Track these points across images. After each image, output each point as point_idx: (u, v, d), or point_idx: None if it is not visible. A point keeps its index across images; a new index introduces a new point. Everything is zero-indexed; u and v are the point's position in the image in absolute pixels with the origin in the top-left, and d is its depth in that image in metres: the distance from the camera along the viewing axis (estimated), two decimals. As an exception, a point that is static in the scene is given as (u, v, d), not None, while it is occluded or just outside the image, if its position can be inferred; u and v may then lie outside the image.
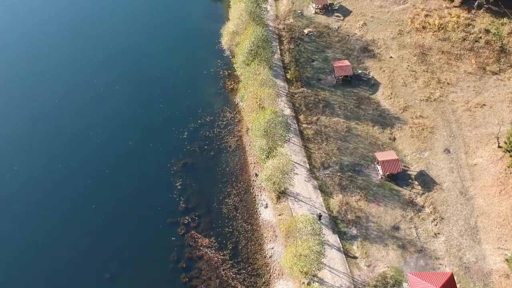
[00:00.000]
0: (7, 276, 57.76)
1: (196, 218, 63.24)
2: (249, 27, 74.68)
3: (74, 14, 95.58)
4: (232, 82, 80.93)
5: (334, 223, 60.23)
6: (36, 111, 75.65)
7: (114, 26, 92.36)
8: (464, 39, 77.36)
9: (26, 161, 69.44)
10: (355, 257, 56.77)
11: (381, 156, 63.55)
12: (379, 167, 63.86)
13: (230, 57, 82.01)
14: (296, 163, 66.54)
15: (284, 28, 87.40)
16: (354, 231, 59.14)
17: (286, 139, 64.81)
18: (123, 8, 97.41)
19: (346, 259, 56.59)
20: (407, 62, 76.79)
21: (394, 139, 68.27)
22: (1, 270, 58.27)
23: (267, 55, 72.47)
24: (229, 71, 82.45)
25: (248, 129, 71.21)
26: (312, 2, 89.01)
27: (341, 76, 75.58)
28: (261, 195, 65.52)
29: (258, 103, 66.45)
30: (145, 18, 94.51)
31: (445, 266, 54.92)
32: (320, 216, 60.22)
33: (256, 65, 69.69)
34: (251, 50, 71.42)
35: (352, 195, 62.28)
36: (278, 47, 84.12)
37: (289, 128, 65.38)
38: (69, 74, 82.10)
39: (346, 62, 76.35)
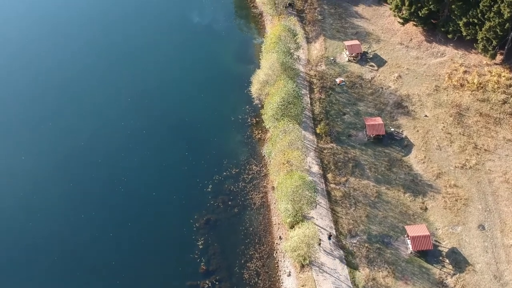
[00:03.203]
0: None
1: (217, 282, 61.66)
2: (280, 79, 73.00)
3: (102, 52, 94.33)
4: (260, 132, 79.20)
5: (359, 300, 57.97)
6: (61, 155, 75.17)
7: (144, 66, 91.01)
8: (505, 102, 73.87)
9: (45, 209, 68.99)
10: None
11: (411, 230, 60.86)
12: (409, 241, 61.24)
13: (259, 105, 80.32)
14: (321, 228, 64.51)
15: (315, 75, 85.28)
16: (379, 311, 56.81)
17: (313, 206, 62.71)
18: (153, 48, 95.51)
19: None
20: (443, 123, 73.76)
21: (426, 209, 65.45)
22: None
23: (297, 111, 70.68)
24: (257, 119, 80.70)
25: (274, 187, 69.49)
26: (346, 50, 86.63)
27: (372, 135, 73.12)
28: (284, 261, 63.59)
29: (286, 165, 64.62)
30: (174, 59, 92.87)
31: None
32: (330, 236, 61.95)
33: (285, 123, 67.98)
34: (281, 105, 69.74)
35: (380, 270, 59.76)
36: (308, 96, 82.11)
37: (316, 193, 63.34)
38: (96, 114, 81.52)
39: (379, 120, 73.81)
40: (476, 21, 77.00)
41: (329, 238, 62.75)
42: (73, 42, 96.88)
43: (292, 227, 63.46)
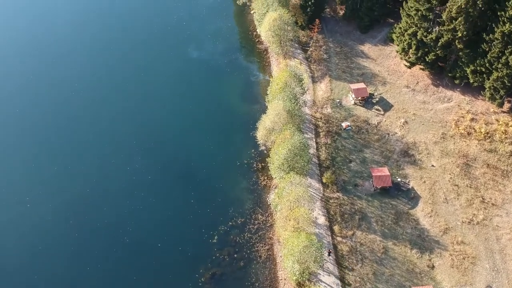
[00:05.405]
0: None
1: None
2: (286, 128, 72.56)
3: (106, 94, 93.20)
4: (266, 178, 78.76)
5: None
6: (66, 203, 74.73)
7: (149, 108, 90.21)
8: (512, 154, 73.69)
9: (51, 260, 68.86)
10: None
11: (419, 292, 60.66)
12: (416, 303, 61.01)
13: (265, 151, 79.90)
14: (328, 285, 64.18)
15: (321, 118, 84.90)
16: None
17: (320, 264, 62.31)
18: (158, 88, 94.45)
19: None
20: (450, 174, 73.34)
21: (433, 267, 65.04)
22: None
23: (303, 162, 70.31)
24: (262, 164, 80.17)
25: (279, 240, 69.14)
26: (352, 93, 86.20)
27: (379, 186, 72.70)
28: (290, 320, 63.39)
29: (292, 222, 64.23)
30: (179, 99, 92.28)
31: None
32: (329, 253, 65.76)
33: (292, 176, 67.65)
34: (288, 157, 69.36)
35: (387, 333, 59.57)
36: (314, 140, 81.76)
37: (324, 253, 63.09)
38: (100, 160, 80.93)
39: (385, 171, 73.33)
40: (483, 69, 76.60)
41: (329, 254, 65.67)
42: (77, 85, 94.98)
43: (298, 285, 63.29)
